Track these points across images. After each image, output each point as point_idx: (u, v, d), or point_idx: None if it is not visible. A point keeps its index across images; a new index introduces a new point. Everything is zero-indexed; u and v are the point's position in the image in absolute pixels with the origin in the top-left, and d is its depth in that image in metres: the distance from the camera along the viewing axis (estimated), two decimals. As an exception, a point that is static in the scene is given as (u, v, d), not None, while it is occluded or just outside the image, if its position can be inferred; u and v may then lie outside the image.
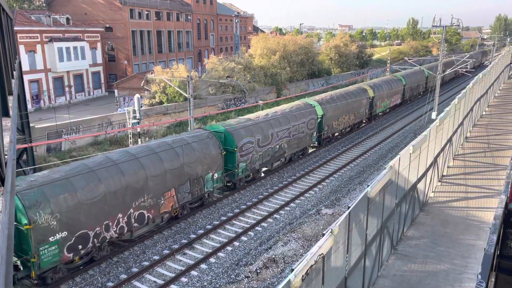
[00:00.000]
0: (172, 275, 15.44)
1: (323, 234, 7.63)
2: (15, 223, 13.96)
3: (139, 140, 27.65)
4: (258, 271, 15.61)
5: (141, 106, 30.22)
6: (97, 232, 15.18)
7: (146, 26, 64.46)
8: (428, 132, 14.28)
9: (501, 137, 24.17)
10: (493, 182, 17.72)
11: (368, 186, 9.79)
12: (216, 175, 20.63)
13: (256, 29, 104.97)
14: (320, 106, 30.48)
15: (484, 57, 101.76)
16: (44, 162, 25.94)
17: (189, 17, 75.66)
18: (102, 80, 58.16)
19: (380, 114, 43.69)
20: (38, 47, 47.60)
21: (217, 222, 19.70)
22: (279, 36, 72.42)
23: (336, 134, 34.75)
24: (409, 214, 14.03)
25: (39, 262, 13.63)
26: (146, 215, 17.15)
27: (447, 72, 47.42)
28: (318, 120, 30.14)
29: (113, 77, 60.24)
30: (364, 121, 40.07)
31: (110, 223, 15.62)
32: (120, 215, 15.92)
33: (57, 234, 13.85)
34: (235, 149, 21.74)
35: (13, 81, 9.26)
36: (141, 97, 33.01)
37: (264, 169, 25.95)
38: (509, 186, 8.51)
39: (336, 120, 32.92)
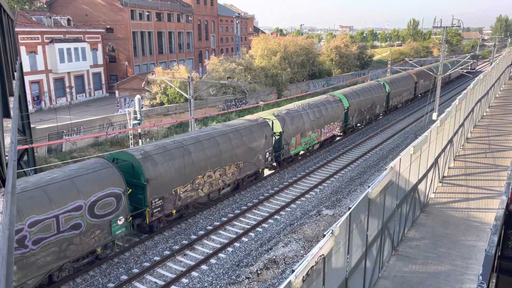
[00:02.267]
0: (173, 276, 15.43)
1: (324, 235, 7.63)
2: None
3: (139, 141, 27.66)
4: (259, 272, 15.60)
5: (142, 107, 30.23)
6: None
7: (147, 27, 64.54)
8: (429, 133, 14.27)
9: (502, 138, 24.15)
10: (494, 183, 17.70)
11: (369, 187, 9.79)
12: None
13: (256, 30, 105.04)
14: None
15: (475, 63, 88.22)
16: (45, 163, 25.96)
17: (189, 18, 75.74)
18: (103, 81, 58.21)
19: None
20: (39, 48, 47.68)
21: (217, 223, 19.70)
22: (279, 37, 72.48)
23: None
24: (410, 215, 14.01)
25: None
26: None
27: (420, 84, 47.27)
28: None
29: (114, 78, 60.30)
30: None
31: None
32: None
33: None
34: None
35: (14, 82, 9.28)
36: (141, 98, 33.03)
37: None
38: (510, 187, 8.50)
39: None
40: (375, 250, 11.01)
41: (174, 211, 18.59)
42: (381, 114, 43.71)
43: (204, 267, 16.08)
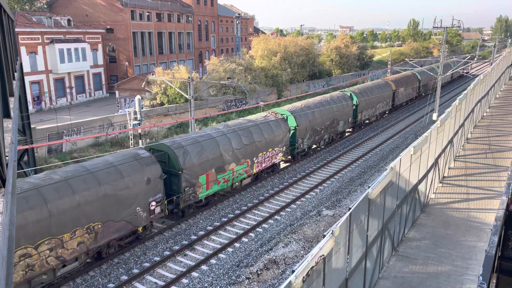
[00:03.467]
0: (173, 276, 15.43)
1: (324, 236, 7.63)
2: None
3: (140, 141, 27.66)
4: (259, 272, 15.59)
5: (142, 107, 30.26)
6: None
7: (147, 27, 64.55)
8: (429, 133, 14.27)
9: (502, 138, 24.14)
10: (494, 184, 17.69)
11: (369, 187, 9.78)
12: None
13: (257, 30, 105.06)
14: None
15: (468, 65, 78.57)
16: (45, 163, 25.96)
17: (190, 18, 75.75)
18: (103, 82, 58.22)
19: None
20: (39, 48, 47.69)
21: (217, 223, 19.70)
22: (280, 37, 72.47)
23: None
24: (410, 216, 14.01)
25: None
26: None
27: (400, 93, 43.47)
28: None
29: (114, 79, 60.31)
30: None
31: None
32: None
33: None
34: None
35: (14, 82, 9.28)
36: (142, 98, 33.04)
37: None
38: (510, 187, 8.50)
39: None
40: (375, 251, 11.00)
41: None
42: (347, 131, 36.64)
43: (204, 267, 16.08)
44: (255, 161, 23.74)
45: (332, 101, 32.47)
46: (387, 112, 45.31)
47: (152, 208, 17.38)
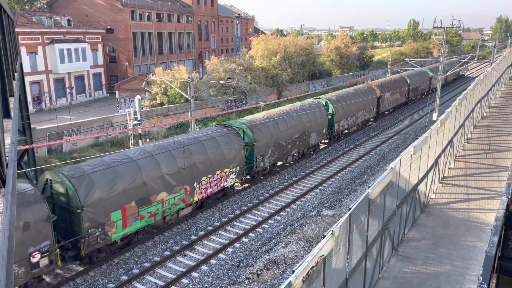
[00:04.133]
0: (173, 276, 15.43)
1: (324, 236, 7.63)
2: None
3: (140, 141, 27.67)
4: (259, 272, 15.59)
5: (142, 108, 30.27)
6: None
7: (147, 27, 64.56)
8: (429, 133, 14.27)
9: (502, 138, 24.14)
10: (494, 184, 17.70)
11: (369, 187, 9.78)
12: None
13: (257, 31, 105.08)
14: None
15: (463, 67, 70.28)
16: (45, 163, 25.96)
17: (190, 18, 75.76)
18: (103, 82, 58.23)
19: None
20: (39, 48, 47.69)
21: (217, 224, 19.70)
22: (280, 37, 72.48)
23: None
24: (410, 216, 14.01)
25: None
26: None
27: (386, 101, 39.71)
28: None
29: (114, 79, 60.32)
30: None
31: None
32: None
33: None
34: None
35: (14, 82, 9.28)
36: (142, 98, 33.04)
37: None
38: (510, 187, 8.50)
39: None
40: (375, 251, 11.00)
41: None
42: (323, 143, 32.87)
43: (204, 267, 16.08)
44: (197, 187, 19.45)
45: (303, 111, 28.36)
46: (371, 120, 40.92)
47: (34, 260, 13.27)
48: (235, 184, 23.93)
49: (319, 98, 32.60)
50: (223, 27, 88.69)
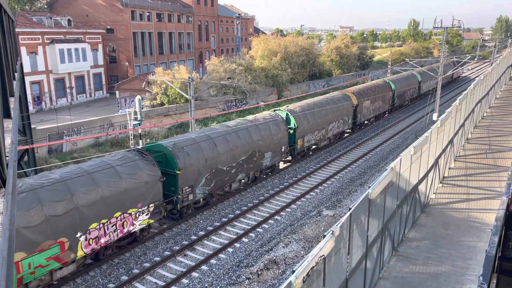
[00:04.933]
0: (173, 276, 15.44)
1: (324, 236, 7.62)
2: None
3: (140, 141, 27.67)
4: (259, 272, 15.59)
5: (142, 108, 30.25)
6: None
7: (147, 27, 64.58)
8: (429, 133, 14.26)
9: (502, 138, 24.14)
10: (494, 184, 17.69)
11: (369, 187, 9.78)
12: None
13: (257, 31, 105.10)
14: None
15: (457, 70, 62.57)
16: (45, 163, 25.97)
17: (190, 18, 75.78)
18: (103, 82, 58.25)
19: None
20: (40, 48, 47.71)
21: (218, 224, 19.70)
22: (280, 37, 72.51)
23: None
24: (410, 216, 14.01)
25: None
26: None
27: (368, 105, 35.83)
28: None
29: (114, 79, 60.34)
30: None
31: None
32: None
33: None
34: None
35: (14, 82, 9.28)
36: (142, 98, 33.05)
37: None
38: (511, 187, 8.50)
39: None
40: (375, 251, 11.00)
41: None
42: (285, 162, 28.57)
43: (204, 267, 16.08)
44: (81, 239, 14.35)
45: (253, 125, 23.80)
46: (347, 132, 36.68)
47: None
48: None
49: (279, 109, 28.18)
50: (223, 27, 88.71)
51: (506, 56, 43.14)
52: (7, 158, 4.10)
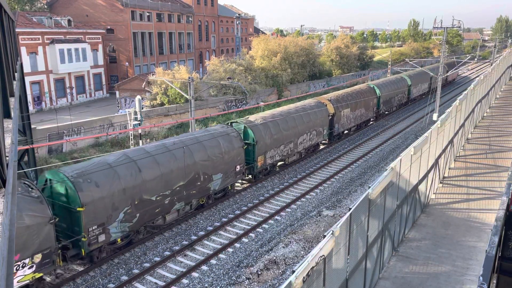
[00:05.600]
0: (173, 276, 15.44)
1: (324, 236, 7.62)
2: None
3: (140, 141, 27.67)
4: (259, 272, 15.59)
5: (142, 108, 30.26)
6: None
7: (147, 27, 64.57)
8: (429, 133, 14.26)
9: (502, 138, 24.13)
10: (494, 184, 17.69)
11: (369, 187, 9.78)
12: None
13: (257, 31, 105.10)
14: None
15: (452, 72, 58.48)
16: (46, 163, 25.97)
17: (190, 18, 75.78)
18: (104, 82, 58.25)
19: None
20: (40, 48, 47.71)
21: (218, 224, 19.70)
22: (280, 37, 72.54)
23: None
24: (410, 216, 14.01)
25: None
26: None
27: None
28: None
29: (115, 79, 60.34)
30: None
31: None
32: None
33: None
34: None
35: (14, 82, 9.28)
36: (142, 98, 33.05)
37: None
38: (511, 187, 8.49)
39: None
40: (375, 251, 11.00)
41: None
42: (233, 186, 23.09)
43: (204, 267, 16.08)
44: None
45: (197, 143, 19.83)
46: (322, 143, 32.54)
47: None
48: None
49: (235, 121, 24.40)
50: (223, 27, 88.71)
51: (506, 56, 43.14)
52: (7, 158, 4.10)
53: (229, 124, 24.31)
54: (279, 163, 27.26)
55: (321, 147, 32.66)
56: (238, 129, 23.52)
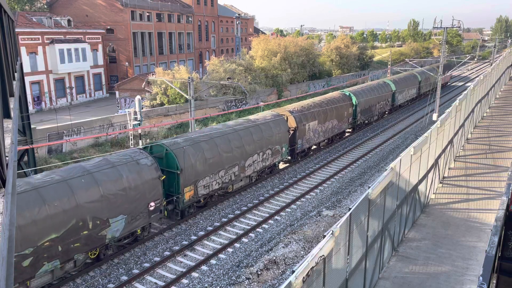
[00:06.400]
0: (173, 276, 15.43)
1: (324, 236, 7.63)
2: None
3: (140, 141, 27.67)
4: (259, 272, 15.59)
5: (142, 108, 30.27)
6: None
7: (147, 27, 64.57)
8: (429, 133, 14.26)
9: (502, 138, 24.14)
10: (494, 184, 17.69)
11: (369, 187, 9.78)
12: None
13: (257, 31, 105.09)
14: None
15: (449, 73, 54.66)
16: (45, 163, 25.96)
17: (190, 18, 75.78)
18: (103, 82, 58.25)
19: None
20: (40, 48, 47.70)
21: (217, 224, 19.69)
22: (280, 37, 72.50)
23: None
24: (410, 216, 14.01)
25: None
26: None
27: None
28: None
29: (114, 79, 60.34)
30: None
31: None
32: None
33: None
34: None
35: (14, 82, 9.28)
36: (142, 98, 33.05)
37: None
38: (510, 187, 8.50)
39: None
40: (375, 251, 11.00)
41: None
42: (148, 229, 17.86)
43: (204, 267, 16.08)
44: None
45: (88, 174, 15.00)
46: (285, 161, 28.44)
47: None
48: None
49: (156, 143, 19.23)
50: (223, 27, 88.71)
51: (506, 56, 43.15)
52: (7, 158, 4.10)
53: (146, 148, 18.91)
54: (218, 192, 21.82)
55: (281, 166, 28.22)
56: (159, 154, 18.49)
